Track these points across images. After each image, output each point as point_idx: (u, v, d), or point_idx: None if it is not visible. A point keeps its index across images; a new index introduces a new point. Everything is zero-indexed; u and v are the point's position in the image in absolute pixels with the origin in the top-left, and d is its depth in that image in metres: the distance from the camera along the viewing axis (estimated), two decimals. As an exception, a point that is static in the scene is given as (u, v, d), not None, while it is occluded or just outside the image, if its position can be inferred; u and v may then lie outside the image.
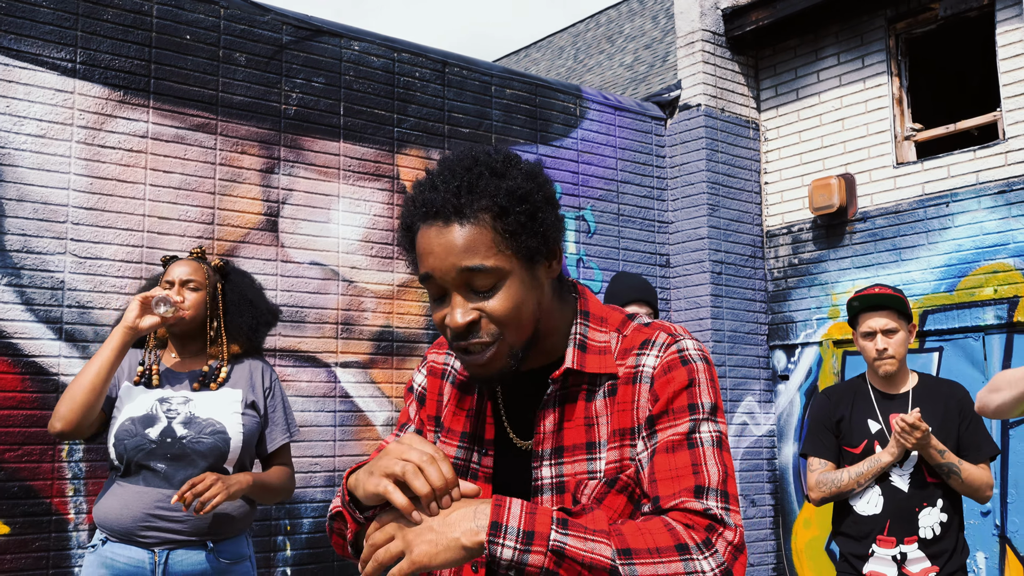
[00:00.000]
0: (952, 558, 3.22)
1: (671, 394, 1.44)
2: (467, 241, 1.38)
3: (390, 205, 5.69)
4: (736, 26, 7.07)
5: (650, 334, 1.50)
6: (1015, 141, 5.89)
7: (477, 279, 1.39)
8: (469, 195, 1.39)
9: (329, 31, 5.58)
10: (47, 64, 4.66)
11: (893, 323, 3.28)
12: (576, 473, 1.47)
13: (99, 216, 4.73)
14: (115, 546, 2.73)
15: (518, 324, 1.43)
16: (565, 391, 1.50)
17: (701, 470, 1.41)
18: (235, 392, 2.94)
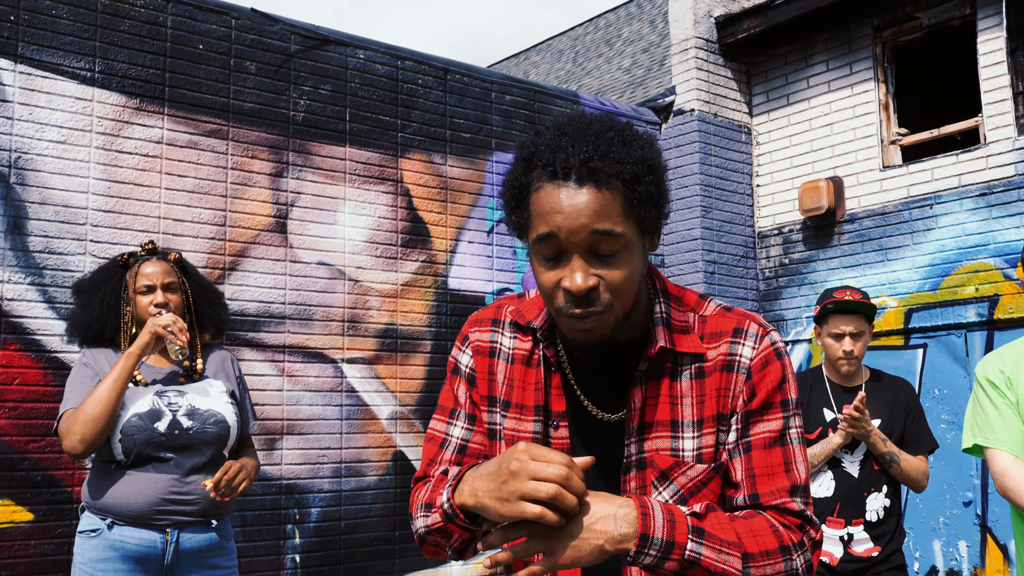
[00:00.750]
0: (892, 540, 3.47)
1: (768, 390, 1.48)
2: (601, 205, 1.37)
3: (394, 207, 5.91)
4: (729, 34, 7.30)
5: (741, 322, 1.52)
6: (995, 146, 6.11)
7: (604, 244, 1.38)
8: (603, 160, 1.38)
9: (335, 40, 5.80)
10: (67, 73, 4.88)
11: (861, 327, 3.51)
12: (658, 449, 1.49)
13: (117, 218, 4.95)
14: (124, 529, 2.87)
15: (629, 294, 1.43)
16: (650, 368, 1.51)
17: (793, 468, 1.48)
18: (218, 383, 3.11)
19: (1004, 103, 6.10)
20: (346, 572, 5.46)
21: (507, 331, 1.62)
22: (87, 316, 3.10)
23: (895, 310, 6.50)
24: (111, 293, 3.09)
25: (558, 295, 1.42)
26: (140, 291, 3.04)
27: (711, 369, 1.50)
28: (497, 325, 1.64)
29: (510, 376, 1.59)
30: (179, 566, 2.92)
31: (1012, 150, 6.03)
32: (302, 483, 5.37)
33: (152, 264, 3.07)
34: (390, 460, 5.72)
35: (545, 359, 1.56)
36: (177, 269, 3.14)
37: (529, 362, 1.58)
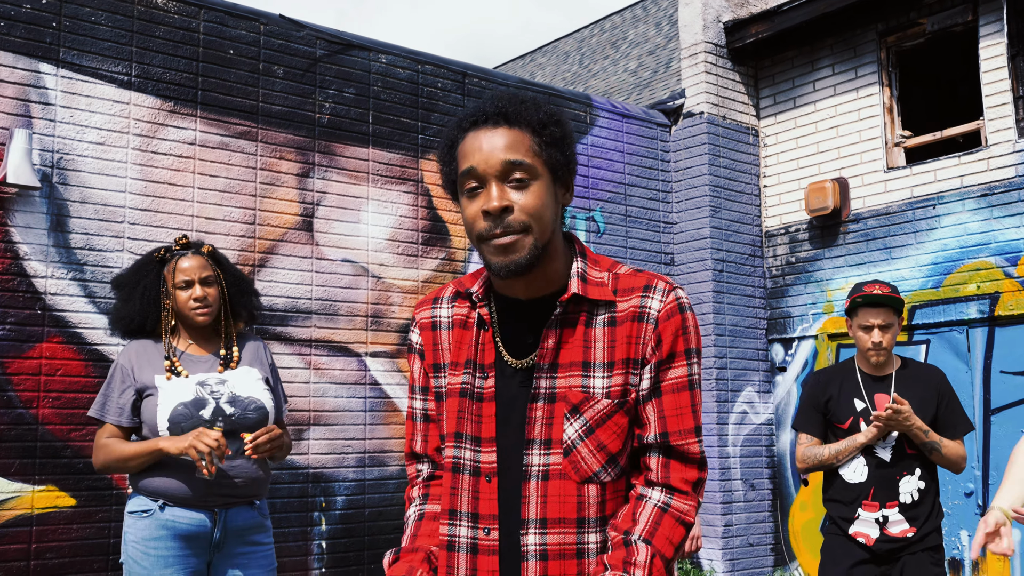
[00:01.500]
0: (928, 520, 3.63)
1: (673, 338, 1.71)
2: (511, 140, 1.66)
3: (415, 207, 6.12)
4: (737, 38, 7.50)
5: (650, 280, 1.74)
6: (996, 148, 6.31)
7: (515, 171, 1.65)
8: (515, 108, 1.69)
9: (359, 45, 6.01)
10: (106, 78, 5.09)
11: (889, 320, 3.66)
12: (570, 387, 1.69)
13: (153, 216, 5.16)
14: (176, 510, 3.03)
15: (541, 221, 1.66)
16: (566, 316, 1.72)
17: (696, 411, 1.74)
18: (254, 371, 3.28)
19: (1005, 107, 6.30)
20: (369, 558, 5.67)
21: (445, 304, 1.86)
22: (129, 309, 3.23)
23: (899, 307, 6.70)
24: (151, 287, 3.22)
25: (479, 221, 1.67)
26: (179, 286, 3.19)
27: (623, 319, 1.71)
28: (437, 302, 1.88)
29: (449, 340, 1.82)
30: (225, 543, 3.11)
31: (1012, 152, 6.24)
32: (328, 472, 5.57)
33: (188, 259, 3.21)
34: (411, 450, 5.92)
35: (479, 318, 1.78)
36: (211, 262, 3.27)
37: (465, 324, 1.81)
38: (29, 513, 4.62)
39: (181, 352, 3.21)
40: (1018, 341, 6.12)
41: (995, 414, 6.17)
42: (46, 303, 4.79)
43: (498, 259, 1.67)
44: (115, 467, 3.11)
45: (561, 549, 1.69)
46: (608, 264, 1.80)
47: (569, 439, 1.69)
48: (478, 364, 1.76)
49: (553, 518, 1.69)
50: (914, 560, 3.58)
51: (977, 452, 6.17)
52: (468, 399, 1.76)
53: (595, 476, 1.70)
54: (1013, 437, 6.06)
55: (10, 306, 4.69)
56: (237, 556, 3.13)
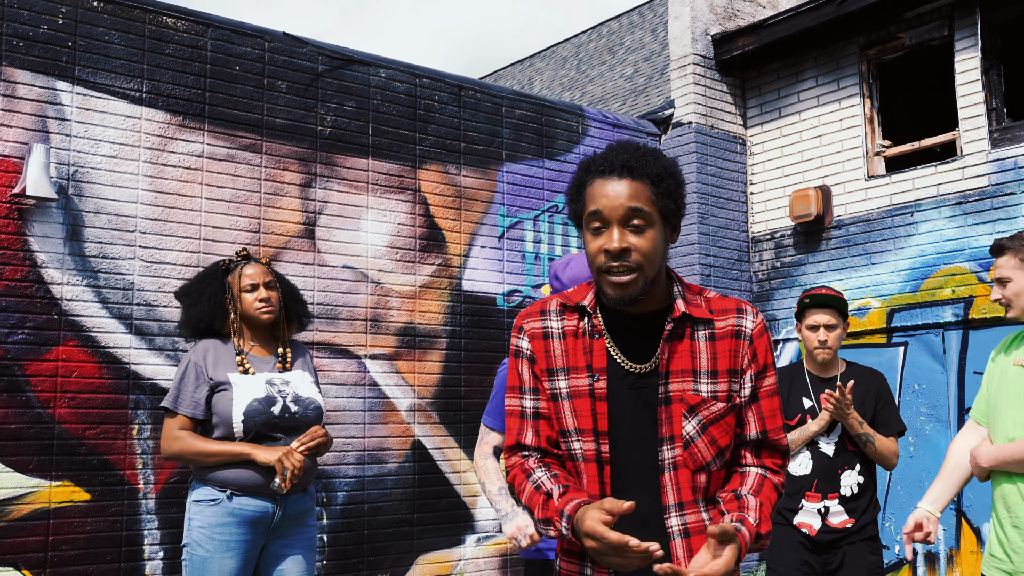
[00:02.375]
0: (866, 512, 3.93)
1: (764, 353, 2.09)
2: (634, 190, 1.97)
3: (412, 215, 6.39)
4: (724, 51, 7.77)
5: (739, 304, 2.10)
6: (971, 157, 6.58)
7: (635, 218, 1.96)
8: (638, 162, 1.98)
9: (359, 60, 6.28)
10: (118, 94, 5.36)
11: (834, 320, 3.97)
12: (684, 390, 2.02)
13: (163, 226, 5.43)
14: (243, 499, 3.40)
15: (652, 261, 1.98)
16: (674, 330, 2.04)
17: (779, 413, 2.13)
18: (306, 374, 3.67)
19: (979, 118, 6.56)
20: (369, 551, 5.93)
21: (554, 317, 2.13)
22: (198, 312, 3.62)
23: (878, 311, 6.96)
24: (217, 291, 3.62)
25: (600, 256, 1.98)
26: (245, 289, 3.60)
27: (722, 335, 2.05)
28: (545, 315, 2.14)
29: (563, 349, 2.09)
30: (282, 526, 3.48)
31: (986, 162, 6.50)
32: (329, 469, 5.84)
33: (252, 266, 3.65)
34: (409, 449, 6.19)
35: (590, 328, 2.07)
36: (270, 269, 3.70)
37: (577, 334, 2.09)
38: (46, 507, 4.89)
39: (247, 352, 3.58)
40: (991, 343, 6.37)
41: (969, 413, 6.42)
42: (62, 309, 5.06)
43: (614, 292, 1.99)
44: (189, 459, 3.47)
45: (699, 526, 2.03)
46: (697, 289, 2.15)
47: (688, 435, 2.02)
48: (594, 368, 2.05)
49: (688, 500, 2.03)
50: (853, 549, 3.87)
51: (951, 450, 6.43)
52: (581, 399, 2.05)
53: (707, 465, 2.05)
54: (986, 435, 6.32)
55: (28, 311, 4.96)
56: (287, 537, 3.50)
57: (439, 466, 6.31)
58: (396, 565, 6.05)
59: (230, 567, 3.35)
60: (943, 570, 6.48)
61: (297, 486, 3.49)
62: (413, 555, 6.14)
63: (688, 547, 2.00)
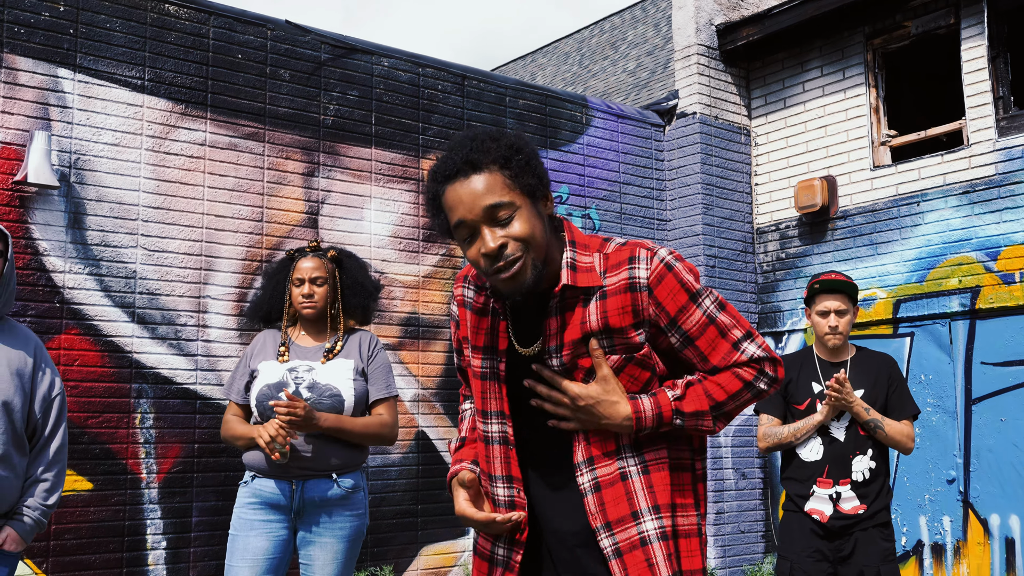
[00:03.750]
0: (877, 499, 3.87)
1: (670, 295, 1.92)
2: (485, 185, 1.85)
3: (416, 204, 6.35)
4: (729, 41, 7.73)
5: (634, 251, 1.95)
6: (978, 147, 6.54)
7: (498, 212, 1.85)
8: (478, 153, 1.87)
9: (362, 49, 6.25)
10: (120, 82, 5.33)
11: (844, 305, 3.93)
12: (577, 356, 1.95)
13: (165, 214, 5.40)
14: (262, 481, 3.45)
15: (535, 241, 1.87)
16: (563, 302, 1.95)
17: (728, 331, 1.97)
18: (348, 362, 3.58)
19: (986, 107, 6.52)
20: (372, 542, 5.90)
21: (471, 288, 2.09)
22: (261, 300, 3.75)
23: (884, 301, 6.93)
24: (281, 282, 3.69)
25: (481, 262, 1.88)
26: (294, 283, 3.62)
27: (613, 292, 1.93)
28: (467, 282, 2.12)
29: (473, 323, 2.07)
30: (305, 511, 3.44)
31: (993, 151, 6.46)
32: (333, 459, 5.79)
33: (308, 260, 3.63)
34: (413, 439, 6.16)
35: (493, 310, 2.03)
36: (332, 264, 3.66)
37: (483, 312, 2.05)
38: (49, 496, 4.86)
39: (292, 341, 3.61)
40: (998, 333, 6.34)
41: (976, 403, 6.40)
42: (64, 297, 5.03)
43: (508, 286, 1.90)
44: (230, 442, 3.61)
45: (611, 479, 1.95)
46: (597, 244, 2.00)
47: None
48: (495, 349, 2.02)
49: (597, 454, 1.96)
50: (865, 536, 3.83)
51: (959, 440, 6.40)
52: (489, 381, 2.03)
53: None
54: (993, 425, 6.29)
55: (31, 299, 4.93)
56: (314, 524, 3.46)
57: (443, 457, 6.28)
58: (400, 556, 6.02)
59: (255, 546, 3.40)
60: (950, 562, 6.44)
61: (313, 470, 3.41)
62: (417, 546, 6.10)
63: (600, 500, 1.94)
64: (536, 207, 1.92)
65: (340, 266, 3.72)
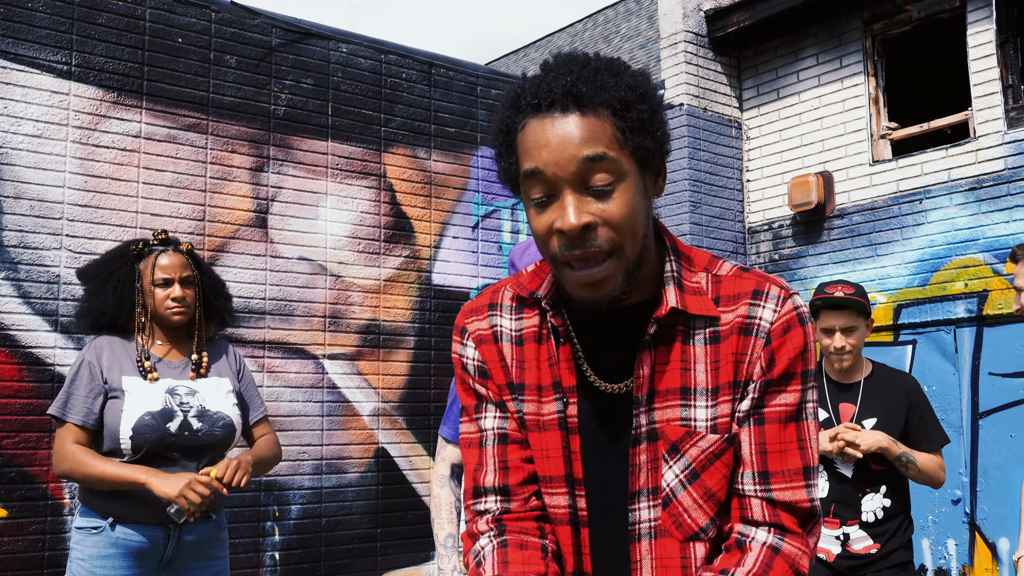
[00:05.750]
0: (894, 536, 3.35)
1: (789, 358, 1.36)
2: (589, 131, 1.28)
3: (377, 202, 5.87)
4: (718, 27, 7.24)
5: (761, 284, 1.40)
6: (985, 139, 6.05)
7: (597, 172, 1.28)
8: (587, 86, 1.29)
9: (317, 34, 5.76)
10: (43, 67, 4.85)
11: (852, 322, 3.38)
12: (668, 420, 1.38)
13: (94, 213, 4.92)
14: (127, 528, 2.87)
15: (635, 233, 1.32)
16: (660, 332, 1.39)
17: (807, 447, 1.38)
18: (223, 380, 3.10)
19: (993, 96, 6.03)
20: (327, 570, 5.42)
21: (507, 313, 1.49)
22: (100, 303, 3.04)
23: (884, 306, 6.44)
24: (124, 280, 3.04)
25: (552, 240, 1.31)
26: (157, 283, 3.01)
27: (727, 333, 1.37)
28: (494, 309, 1.51)
29: (520, 357, 1.47)
30: (177, 558, 2.94)
31: (1001, 144, 5.97)
32: (282, 480, 5.32)
33: (169, 256, 3.04)
34: (372, 457, 5.68)
35: (553, 329, 1.43)
36: (190, 261, 3.10)
37: (540, 338, 1.46)
38: (-43, 525, 4.39)
39: (152, 354, 3.03)
40: (1007, 341, 5.85)
41: (983, 417, 5.91)
42: (-24, 304, 4.55)
43: (582, 292, 1.33)
44: (79, 480, 2.90)
45: None
46: (705, 261, 1.45)
47: (668, 486, 1.38)
48: (563, 387, 1.43)
49: None
50: None
51: (965, 458, 5.91)
52: (560, 430, 1.43)
53: (702, 532, 1.40)
54: (1002, 441, 5.80)
55: (-63, 307, 4.45)
56: (187, 572, 2.96)
57: (405, 476, 5.79)
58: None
59: None
60: (955, 587, 5.96)
61: (205, 515, 2.98)
62: (376, 573, 5.62)
63: None
64: (645, 183, 1.35)
65: (196, 262, 3.15)
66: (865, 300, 3.44)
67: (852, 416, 3.42)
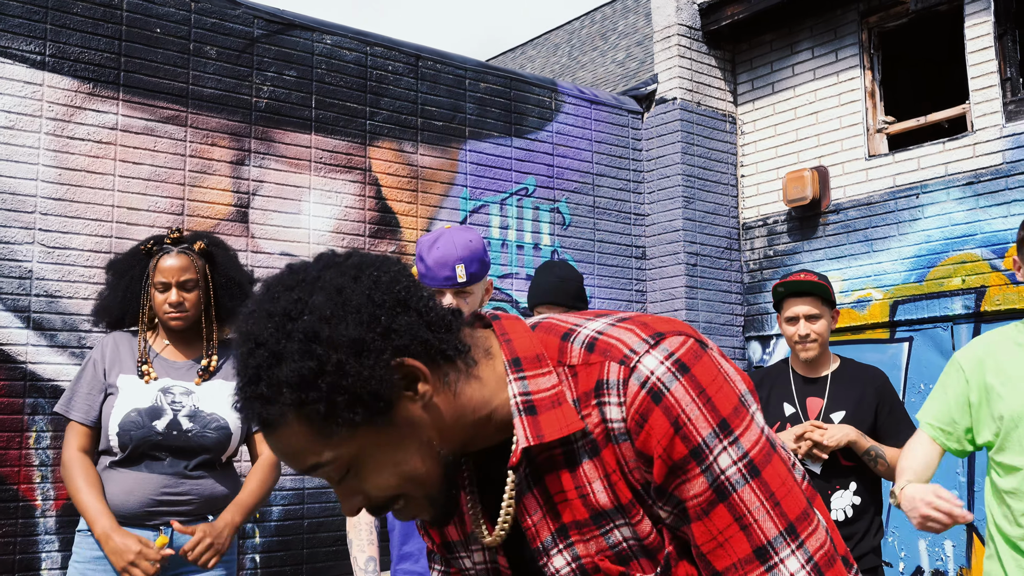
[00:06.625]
0: (864, 539, 3.24)
1: (662, 449, 1.12)
2: (290, 446, 1.13)
3: (362, 197, 5.75)
4: (712, 20, 7.12)
5: (600, 370, 1.16)
6: (982, 133, 5.93)
7: (329, 473, 1.16)
8: (258, 402, 1.11)
9: (301, 25, 5.64)
10: (16, 57, 4.73)
11: (816, 310, 3.31)
12: (598, 551, 1.19)
13: (67, 207, 4.80)
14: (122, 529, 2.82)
15: (412, 481, 1.16)
16: (535, 467, 1.20)
17: (749, 523, 1.13)
18: (230, 385, 2.97)
19: (991, 89, 5.91)
20: (309, 572, 5.30)
21: None
22: (111, 300, 3.06)
23: (880, 303, 6.32)
24: (135, 280, 3.02)
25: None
26: (156, 287, 2.94)
27: (601, 443, 1.17)
28: None
29: None
30: (172, 560, 2.85)
31: (999, 137, 5.85)
32: (263, 480, 5.20)
33: (172, 258, 2.94)
34: (356, 457, 5.55)
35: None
36: (202, 260, 2.99)
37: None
38: (-76, 527, 4.27)
39: (156, 353, 2.98)
40: (1005, 339, 5.72)
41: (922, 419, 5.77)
42: (-55, 300, 4.44)
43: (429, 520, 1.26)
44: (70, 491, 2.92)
45: None
46: (555, 351, 1.20)
47: None
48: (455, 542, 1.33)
49: None
50: None
51: (963, 461, 5.78)
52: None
53: None
54: (1000, 441, 5.68)
55: (-96, 303, 4.33)
56: (186, 574, 2.89)
57: (390, 476, 5.67)
58: (341, 587, 5.42)
59: None
60: (952, 590, 5.84)
61: (193, 515, 2.88)
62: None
63: None
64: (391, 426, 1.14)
65: (211, 261, 3.05)
66: (829, 288, 3.35)
67: (819, 410, 3.33)
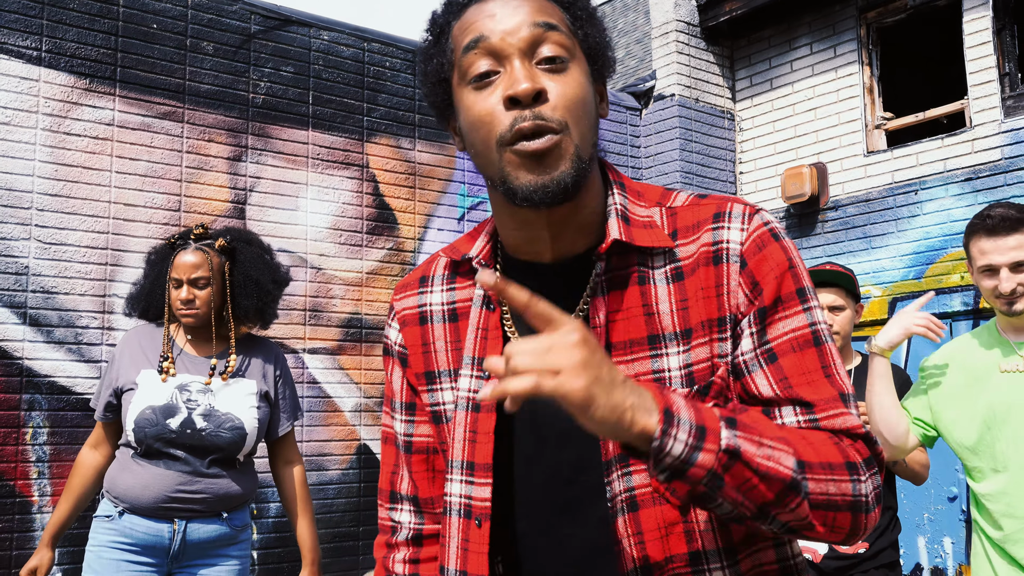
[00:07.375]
0: (883, 535, 3.23)
1: (775, 278, 1.15)
2: (539, 4, 1.16)
3: (359, 193, 5.74)
4: (710, 16, 7.11)
5: (721, 205, 1.20)
6: (981, 129, 5.91)
7: (550, 41, 1.14)
8: None
9: (298, 21, 5.63)
10: (12, 52, 4.71)
11: (840, 300, 3.28)
12: (637, 374, 1.16)
13: (64, 202, 4.79)
14: (133, 518, 2.88)
15: (583, 122, 1.14)
16: (611, 274, 1.20)
17: (833, 373, 1.15)
18: (250, 384, 3.00)
19: (990, 84, 5.90)
20: (307, 569, 5.29)
21: (439, 285, 1.32)
22: (139, 291, 3.11)
23: (879, 299, 6.31)
24: (161, 273, 3.05)
25: (496, 121, 1.12)
26: (172, 282, 2.97)
27: (692, 267, 1.17)
28: (425, 283, 1.34)
29: (455, 336, 1.29)
30: (186, 554, 2.90)
31: (998, 133, 5.84)
32: (260, 477, 5.17)
33: (188, 254, 2.95)
34: (353, 454, 5.54)
35: (484, 296, 1.25)
36: (221, 258, 3.00)
37: (459, 315, 1.30)
38: (-80, 523, 4.26)
39: (180, 348, 3.00)
40: (1004, 335, 5.71)
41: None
42: (-59, 296, 4.43)
43: (532, 177, 1.12)
44: None
45: None
46: (657, 195, 1.25)
47: None
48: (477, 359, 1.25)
49: (657, 561, 1.15)
50: None
51: (960, 454, 5.77)
52: (463, 413, 1.25)
53: None
54: (999, 438, 5.67)
55: (-101, 299, 4.32)
56: (198, 568, 2.93)
57: (388, 473, 5.66)
58: (339, 584, 5.41)
59: None
60: (951, 587, 5.83)
61: (205, 510, 2.90)
62: (359, 572, 5.49)
63: None
64: (593, 87, 1.19)
65: (232, 258, 3.04)
66: (854, 279, 3.33)
67: None
